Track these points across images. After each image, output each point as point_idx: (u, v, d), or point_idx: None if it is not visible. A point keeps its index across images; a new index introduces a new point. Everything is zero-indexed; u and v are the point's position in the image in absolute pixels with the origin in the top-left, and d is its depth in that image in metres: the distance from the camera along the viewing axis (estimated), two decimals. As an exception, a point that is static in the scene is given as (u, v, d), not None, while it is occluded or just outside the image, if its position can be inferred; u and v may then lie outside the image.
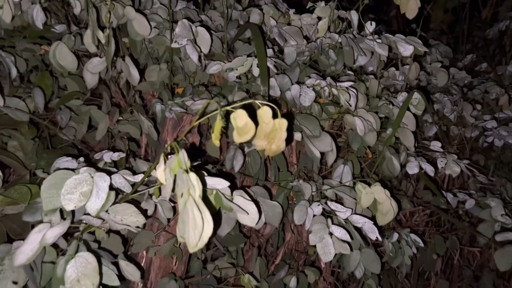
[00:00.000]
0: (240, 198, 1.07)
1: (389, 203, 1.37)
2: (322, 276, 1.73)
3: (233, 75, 1.61)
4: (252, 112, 0.94)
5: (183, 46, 1.34)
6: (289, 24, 1.89)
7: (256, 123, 0.94)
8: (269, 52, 1.69)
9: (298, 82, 1.60)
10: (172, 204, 1.25)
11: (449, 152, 1.83)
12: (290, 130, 1.27)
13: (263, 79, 1.42)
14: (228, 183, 1.04)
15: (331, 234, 1.24)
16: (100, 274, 0.87)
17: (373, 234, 1.30)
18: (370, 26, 1.71)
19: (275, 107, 0.92)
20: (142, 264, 1.50)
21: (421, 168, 1.71)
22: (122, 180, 1.05)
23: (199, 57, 1.42)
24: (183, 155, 0.81)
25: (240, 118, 0.92)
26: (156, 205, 1.23)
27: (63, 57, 1.33)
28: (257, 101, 0.94)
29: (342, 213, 1.31)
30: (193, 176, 0.80)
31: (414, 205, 1.99)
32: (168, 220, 1.40)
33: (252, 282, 1.33)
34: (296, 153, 1.73)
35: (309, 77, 1.61)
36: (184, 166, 0.79)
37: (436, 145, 1.83)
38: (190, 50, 1.33)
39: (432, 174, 1.68)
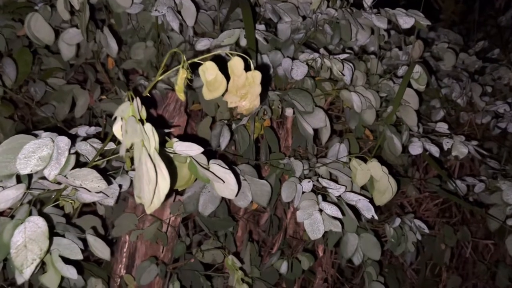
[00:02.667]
0: (216, 167, 0.98)
1: (386, 181, 1.27)
2: (320, 266, 1.62)
3: (222, 51, 1.52)
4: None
5: (165, 16, 1.26)
6: (284, 1, 1.80)
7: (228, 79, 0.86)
8: (262, 27, 1.61)
9: (292, 59, 1.51)
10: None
11: (456, 133, 1.70)
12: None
13: (250, 50, 1.34)
14: (201, 149, 0.95)
15: (321, 211, 1.14)
16: (50, 240, 0.79)
17: (368, 212, 1.19)
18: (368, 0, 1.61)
19: (247, 57, 0.84)
20: (125, 250, 1.42)
21: (425, 149, 1.59)
22: (88, 147, 0.98)
23: (181, 26, 1.34)
24: (137, 102, 0.72)
25: (209, 71, 0.83)
26: (131, 181, 1.15)
27: (38, 28, 1.26)
28: (227, 52, 0.85)
29: (335, 190, 1.21)
30: (148, 126, 0.72)
31: (421, 192, 1.87)
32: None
33: (236, 264, 1.23)
34: (292, 135, 1.63)
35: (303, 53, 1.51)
36: (138, 114, 0.71)
37: (442, 127, 1.71)
38: (170, 18, 1.26)
39: (437, 154, 1.56)
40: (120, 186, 1.13)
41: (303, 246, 1.66)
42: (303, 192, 1.21)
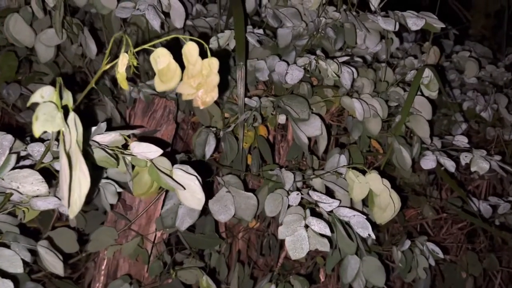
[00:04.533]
0: (180, 173, 0.87)
1: (388, 195, 1.11)
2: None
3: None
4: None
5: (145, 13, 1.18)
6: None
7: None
8: (260, 31, 1.51)
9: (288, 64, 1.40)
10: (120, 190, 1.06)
11: (476, 148, 1.52)
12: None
13: (239, 52, 1.23)
14: (160, 151, 0.84)
15: (307, 227, 0.99)
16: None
17: (363, 230, 1.04)
18: (375, 1, 1.49)
19: (203, 42, 0.73)
20: (103, 267, 1.31)
21: (440, 164, 1.43)
22: (42, 149, 0.88)
23: (162, 24, 1.25)
24: (60, 84, 0.62)
25: (161, 58, 0.73)
26: (99, 189, 1.05)
27: (18, 30, 1.21)
28: (181, 36, 0.75)
29: (327, 204, 1.07)
30: (72, 116, 0.61)
31: (439, 213, 1.68)
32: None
33: (212, 285, 1.10)
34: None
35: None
36: (58, 100, 0.61)
37: (461, 140, 1.54)
38: (150, 16, 1.18)
39: (452, 169, 1.39)
40: (85, 194, 1.03)
41: (303, 269, 1.51)
42: (289, 206, 1.07)
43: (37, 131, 0.56)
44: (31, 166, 0.85)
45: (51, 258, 0.90)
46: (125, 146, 0.90)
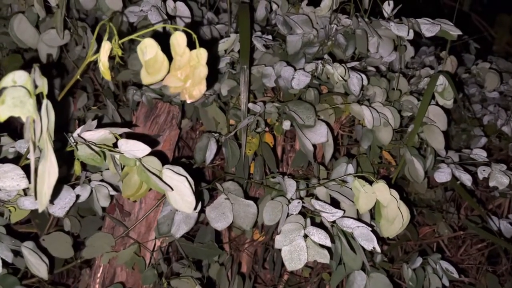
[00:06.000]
0: (170, 173, 0.82)
1: (395, 207, 1.04)
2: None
3: (222, 62, 1.40)
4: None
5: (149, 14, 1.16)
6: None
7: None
8: (269, 37, 1.47)
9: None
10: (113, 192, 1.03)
11: (496, 162, 1.44)
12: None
13: (243, 55, 1.19)
14: (149, 149, 0.80)
15: (306, 236, 0.93)
16: None
17: (368, 242, 0.97)
18: (388, 7, 1.44)
19: (191, 32, 0.69)
20: (98, 275, 1.26)
21: (456, 178, 1.35)
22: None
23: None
24: (37, 73, 0.59)
25: (148, 49, 0.69)
26: (92, 191, 1.01)
27: (22, 30, 1.20)
28: (169, 26, 0.71)
29: (330, 214, 1.00)
30: (45, 103, 0.58)
31: (455, 230, 1.59)
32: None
33: None
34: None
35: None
36: (31, 86, 0.57)
37: (479, 154, 1.45)
38: (153, 17, 1.15)
39: (468, 183, 1.31)
40: (77, 196, 0.99)
41: (308, 285, 1.44)
42: (288, 215, 1.01)
43: (2, 115, 0.52)
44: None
45: (35, 260, 0.86)
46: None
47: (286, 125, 1.22)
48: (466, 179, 1.31)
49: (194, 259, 1.21)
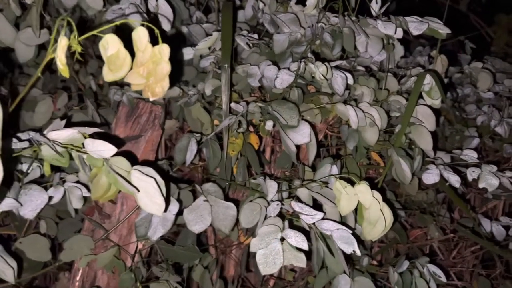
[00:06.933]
0: (137, 174, 0.80)
1: (377, 209, 1.01)
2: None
3: (206, 61, 1.38)
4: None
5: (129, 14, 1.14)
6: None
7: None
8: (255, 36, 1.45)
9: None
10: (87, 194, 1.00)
11: (487, 163, 1.40)
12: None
13: (224, 53, 1.17)
14: (115, 149, 0.77)
15: (283, 239, 0.90)
16: None
17: (347, 245, 0.94)
18: (375, 5, 1.41)
19: (153, 27, 0.66)
20: (77, 279, 1.24)
21: (444, 179, 1.32)
22: None
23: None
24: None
25: (110, 45, 0.67)
26: (65, 192, 0.99)
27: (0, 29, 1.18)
28: (130, 20, 0.69)
29: (309, 216, 0.97)
30: (-7, 100, 0.55)
31: (446, 233, 1.56)
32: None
33: None
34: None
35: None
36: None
37: (470, 155, 1.42)
38: (132, 15, 1.13)
39: (457, 185, 1.28)
40: (50, 198, 0.97)
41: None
42: (267, 217, 0.98)
43: None
44: None
45: (1, 264, 0.84)
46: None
47: (269, 125, 1.19)
48: (455, 180, 1.28)
49: (172, 262, 1.18)
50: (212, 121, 1.37)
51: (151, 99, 0.67)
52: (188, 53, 1.37)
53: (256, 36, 1.45)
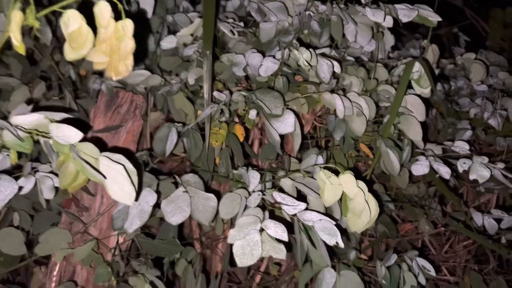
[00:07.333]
0: (106, 161, 0.75)
1: (362, 200, 0.97)
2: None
3: (190, 50, 1.34)
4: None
5: None
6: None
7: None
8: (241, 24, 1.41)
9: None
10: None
11: (479, 155, 1.36)
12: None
13: (206, 39, 1.13)
14: (81, 134, 0.73)
15: (262, 230, 0.86)
16: None
17: (330, 237, 0.90)
18: (364, -7, 1.37)
19: (117, 2, 0.62)
20: (54, 274, 1.19)
21: (434, 171, 1.28)
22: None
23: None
24: None
25: (71, 21, 0.62)
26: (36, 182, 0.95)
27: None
28: (91, -4, 0.64)
29: (291, 207, 0.94)
30: None
31: (437, 227, 1.52)
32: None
33: None
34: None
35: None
36: None
37: (461, 146, 1.38)
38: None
39: (447, 176, 1.24)
40: (20, 188, 0.93)
41: (283, 285, 1.37)
42: (246, 207, 0.94)
43: None
44: None
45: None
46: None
47: (252, 114, 1.15)
48: (445, 172, 1.25)
49: (151, 256, 1.14)
50: (196, 111, 1.33)
51: (114, 79, 0.63)
52: (171, 41, 1.33)
53: (242, 24, 1.41)
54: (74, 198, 1.17)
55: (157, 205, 1.03)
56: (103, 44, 0.62)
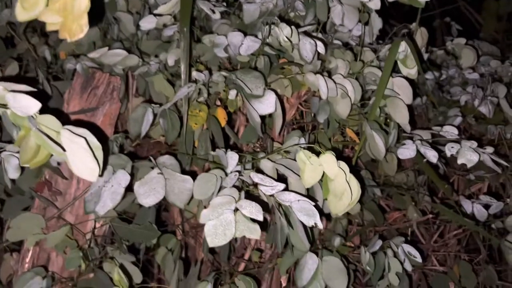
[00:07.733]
0: (67, 134, 0.71)
1: (343, 181, 0.93)
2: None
3: (170, 30, 1.29)
4: None
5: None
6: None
7: None
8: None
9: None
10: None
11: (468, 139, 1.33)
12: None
13: (183, 16, 1.08)
14: (39, 104, 0.69)
15: (236, 210, 0.82)
16: None
17: (308, 218, 0.86)
18: (350, -28, 1.33)
19: (69, -42, 0.58)
20: (27, 261, 1.15)
21: (422, 155, 1.24)
22: None
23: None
24: None
25: (22, -19, 0.58)
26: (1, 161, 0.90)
27: None
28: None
29: (269, 188, 0.89)
30: None
31: (424, 214, 1.48)
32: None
33: (124, 280, 0.93)
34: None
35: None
36: None
37: (450, 131, 1.34)
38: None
39: (434, 160, 1.20)
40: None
41: (267, 273, 1.33)
42: (222, 188, 0.90)
43: None
44: None
45: None
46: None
47: (232, 94, 1.11)
48: (432, 155, 1.21)
49: (126, 241, 1.10)
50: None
51: (68, 40, 0.59)
52: (150, 21, 1.29)
53: (224, 4, 1.37)
54: (47, 182, 1.13)
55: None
56: (56, 4, 0.58)
